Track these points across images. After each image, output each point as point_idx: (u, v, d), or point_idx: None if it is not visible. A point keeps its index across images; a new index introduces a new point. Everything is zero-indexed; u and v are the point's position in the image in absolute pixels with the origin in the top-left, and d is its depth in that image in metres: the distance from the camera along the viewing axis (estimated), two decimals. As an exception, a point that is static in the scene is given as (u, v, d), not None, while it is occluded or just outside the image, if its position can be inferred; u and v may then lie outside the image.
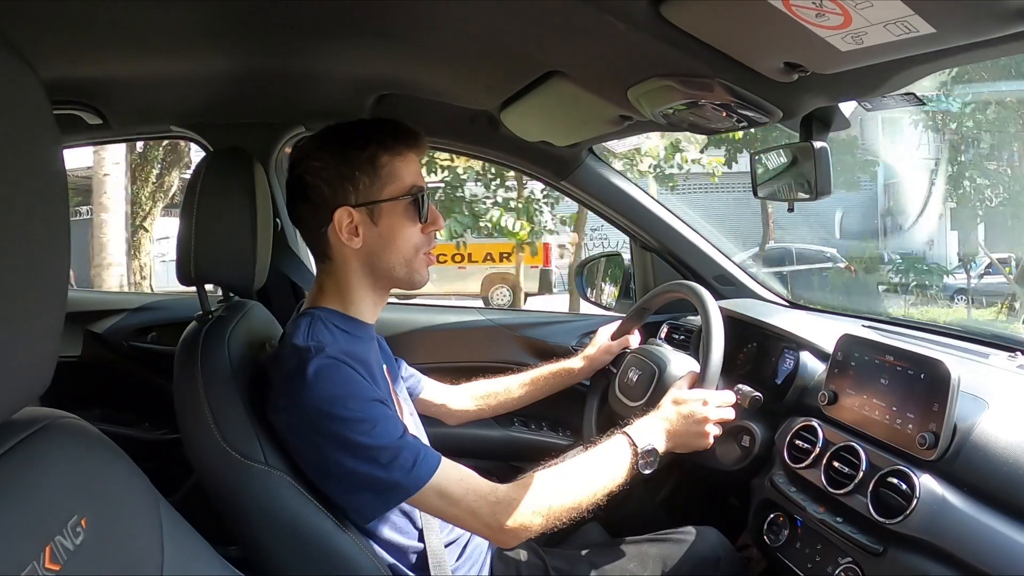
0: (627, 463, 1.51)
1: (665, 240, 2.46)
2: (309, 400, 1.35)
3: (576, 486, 1.47)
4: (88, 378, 2.59)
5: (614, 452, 1.52)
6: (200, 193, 1.61)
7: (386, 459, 1.34)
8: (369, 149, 1.48)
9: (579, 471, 1.50)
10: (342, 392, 1.36)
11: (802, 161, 1.60)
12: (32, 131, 0.75)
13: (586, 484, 1.47)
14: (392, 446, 1.35)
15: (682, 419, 1.60)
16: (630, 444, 1.53)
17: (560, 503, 1.43)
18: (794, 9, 0.95)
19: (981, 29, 0.93)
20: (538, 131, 2.12)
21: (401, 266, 1.52)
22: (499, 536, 1.42)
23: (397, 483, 1.35)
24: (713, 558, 1.75)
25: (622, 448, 1.53)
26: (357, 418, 1.35)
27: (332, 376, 1.36)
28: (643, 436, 1.55)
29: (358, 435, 1.34)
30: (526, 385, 2.06)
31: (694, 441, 1.62)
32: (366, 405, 1.37)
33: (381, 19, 1.46)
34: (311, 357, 1.36)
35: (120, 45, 1.58)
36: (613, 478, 1.49)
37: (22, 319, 0.74)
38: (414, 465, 1.35)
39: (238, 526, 1.41)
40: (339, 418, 1.34)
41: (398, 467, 1.34)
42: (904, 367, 1.48)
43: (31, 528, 0.77)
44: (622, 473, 1.50)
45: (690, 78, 1.33)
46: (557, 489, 1.45)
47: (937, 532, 1.28)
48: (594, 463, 1.51)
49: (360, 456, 1.34)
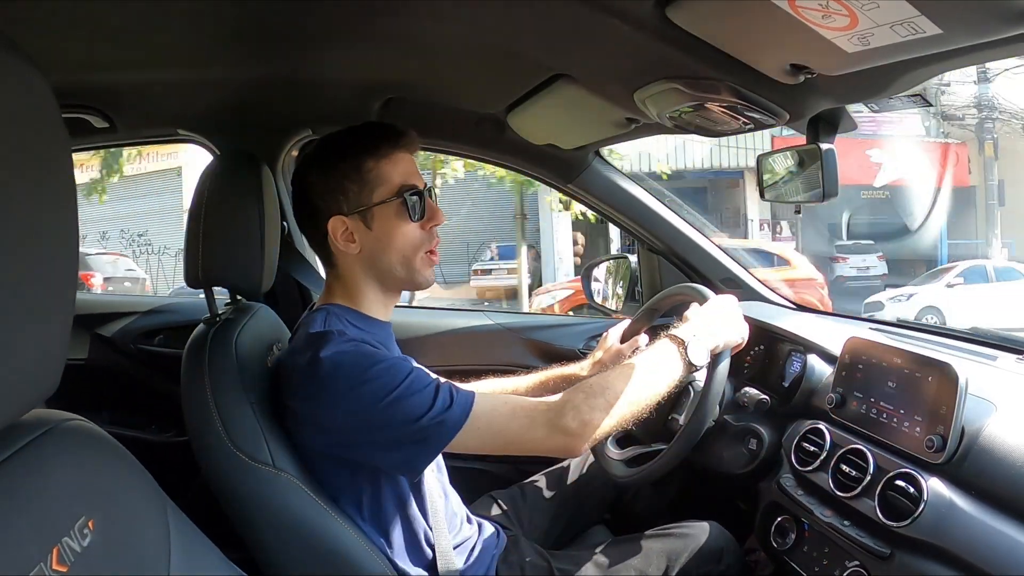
0: (677, 355, 1.54)
1: (672, 243, 2.45)
2: (336, 378, 1.36)
3: (634, 382, 1.47)
4: (96, 381, 2.60)
5: (663, 350, 1.55)
6: (208, 196, 1.61)
7: (424, 407, 1.35)
8: (354, 157, 1.51)
9: (634, 368, 1.50)
10: (365, 361, 1.37)
11: (809, 163, 1.60)
12: (41, 134, 0.75)
13: (643, 380, 1.48)
14: (428, 389, 1.37)
15: (709, 313, 1.65)
16: (674, 340, 1.55)
17: (620, 398, 1.44)
18: (800, 11, 0.95)
19: (988, 30, 0.93)
20: (545, 134, 2.12)
21: (400, 266, 1.53)
22: (564, 441, 1.42)
23: (441, 424, 1.35)
24: (716, 551, 1.74)
25: (668, 346, 1.55)
26: (387, 377, 1.36)
27: (353, 351, 1.38)
28: (685, 332, 1.57)
29: (391, 391, 1.35)
30: (534, 387, 2.05)
31: (732, 328, 1.66)
32: (392, 363, 1.39)
33: (388, 23, 1.46)
34: (330, 340, 1.38)
35: (128, 50, 1.59)
36: (669, 373, 1.52)
37: (30, 321, 0.74)
38: (451, 404, 1.37)
39: (245, 528, 1.41)
40: (369, 381, 1.35)
41: (436, 411, 1.35)
42: (911, 370, 1.47)
43: (38, 529, 0.77)
44: (677, 366, 1.54)
45: (696, 80, 1.33)
46: (615, 385, 1.46)
47: (945, 535, 1.28)
48: (647, 361, 1.53)
49: (398, 413, 1.35)
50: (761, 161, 1.78)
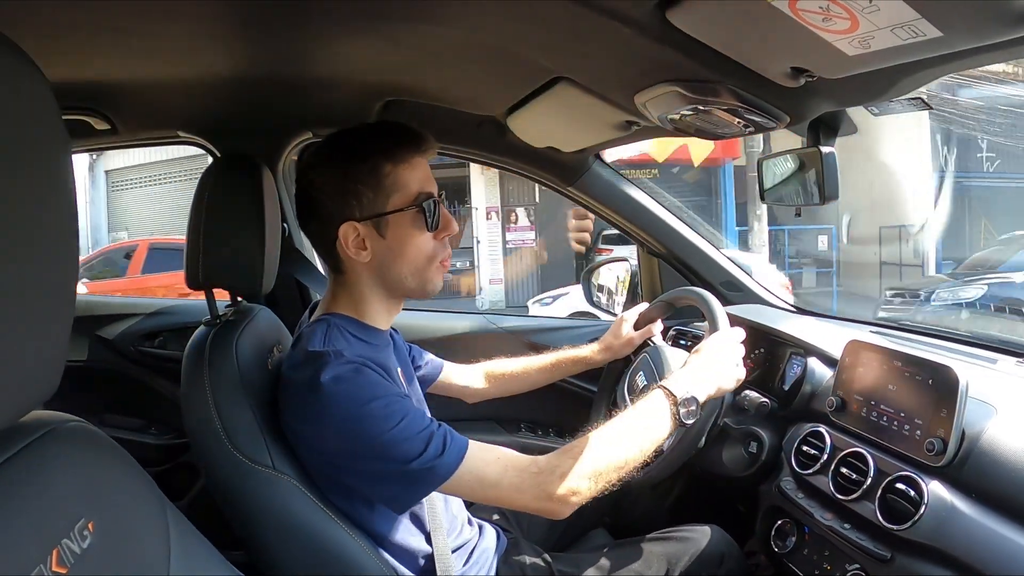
0: (668, 414, 1.48)
1: (672, 246, 2.45)
2: (334, 406, 1.33)
3: (621, 445, 1.43)
4: (96, 382, 2.60)
5: (654, 406, 1.49)
6: (208, 198, 1.62)
7: (417, 449, 1.32)
8: (371, 160, 1.45)
9: (622, 429, 1.46)
10: (365, 394, 1.34)
11: (809, 166, 1.60)
12: (42, 135, 0.75)
13: (630, 441, 1.44)
14: (420, 436, 1.33)
15: (709, 361, 1.59)
16: (668, 395, 1.50)
17: (606, 463, 1.40)
18: (801, 13, 0.95)
19: (988, 32, 0.93)
20: (545, 137, 2.12)
21: (412, 276, 1.50)
22: (550, 507, 1.38)
23: (431, 470, 1.32)
24: (717, 554, 1.75)
25: (661, 401, 1.49)
26: (383, 415, 1.33)
27: (353, 379, 1.34)
28: (679, 386, 1.52)
29: (386, 431, 1.32)
30: (545, 369, 2.08)
31: (727, 374, 1.60)
32: (390, 401, 1.35)
33: (388, 26, 1.46)
34: (329, 362, 1.35)
35: (128, 51, 1.59)
36: (657, 432, 1.47)
37: (30, 323, 0.74)
38: (444, 450, 1.33)
39: (244, 530, 1.41)
40: (367, 418, 1.32)
41: (428, 456, 1.32)
42: (912, 373, 1.48)
43: (38, 531, 0.77)
44: (665, 425, 1.48)
45: (697, 83, 1.32)
46: (602, 450, 1.41)
47: (945, 538, 1.28)
48: (636, 420, 1.48)
49: (390, 452, 1.32)
50: (761, 164, 1.79)
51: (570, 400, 2.51)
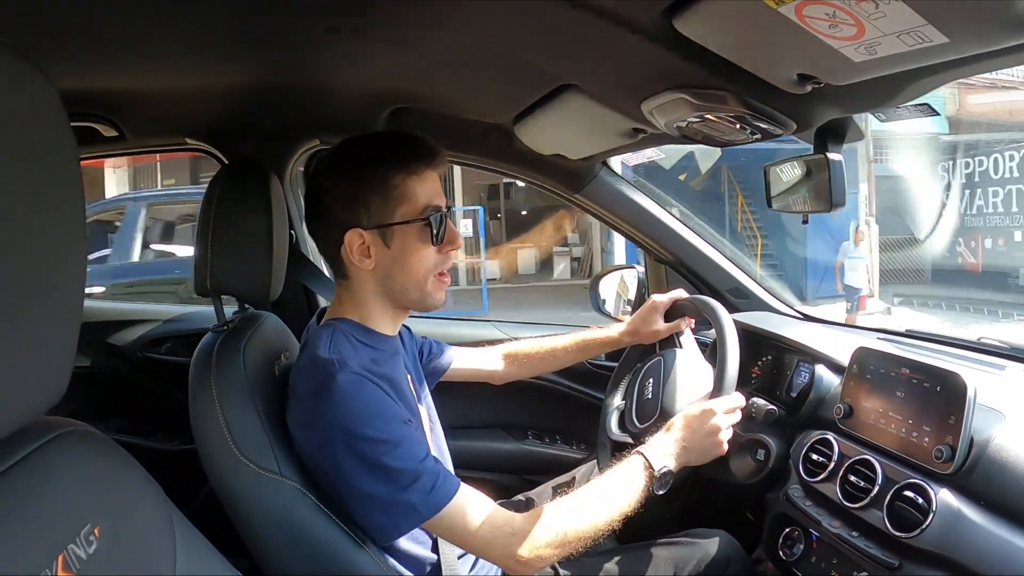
0: (641, 485, 1.49)
1: (679, 253, 2.45)
2: (333, 417, 1.34)
3: (592, 514, 1.44)
4: (103, 388, 2.61)
5: (629, 475, 1.50)
6: (216, 205, 1.62)
7: (406, 482, 1.33)
8: (382, 168, 1.45)
9: (594, 497, 1.47)
10: (367, 411, 1.34)
11: (816, 173, 1.60)
12: (50, 142, 0.75)
13: (602, 510, 1.45)
14: (413, 469, 1.33)
15: (692, 433, 1.57)
16: (646, 467, 1.51)
17: (576, 531, 1.41)
18: (807, 20, 0.95)
19: (995, 38, 0.93)
20: (552, 144, 2.13)
21: (414, 289, 1.50)
22: (513, 567, 1.40)
23: (413, 507, 1.33)
24: (724, 560, 1.74)
25: (637, 471, 1.50)
26: (381, 438, 1.33)
27: (358, 393, 1.35)
28: (658, 457, 1.52)
29: (380, 455, 1.32)
30: (571, 350, 2.09)
31: (709, 452, 1.59)
32: (391, 425, 1.35)
33: (395, 33, 1.46)
34: (336, 372, 1.35)
35: (135, 59, 1.59)
36: (628, 502, 1.47)
37: (37, 329, 0.74)
38: (432, 489, 1.34)
39: (250, 536, 1.41)
40: (363, 437, 1.33)
41: (416, 490, 1.33)
42: (920, 380, 1.47)
43: (44, 536, 0.77)
44: (636, 496, 1.48)
45: (704, 90, 1.33)
46: (572, 518, 1.42)
47: (953, 546, 1.27)
48: (610, 488, 1.49)
49: (379, 477, 1.33)
50: (768, 171, 1.79)
51: (577, 407, 2.51)
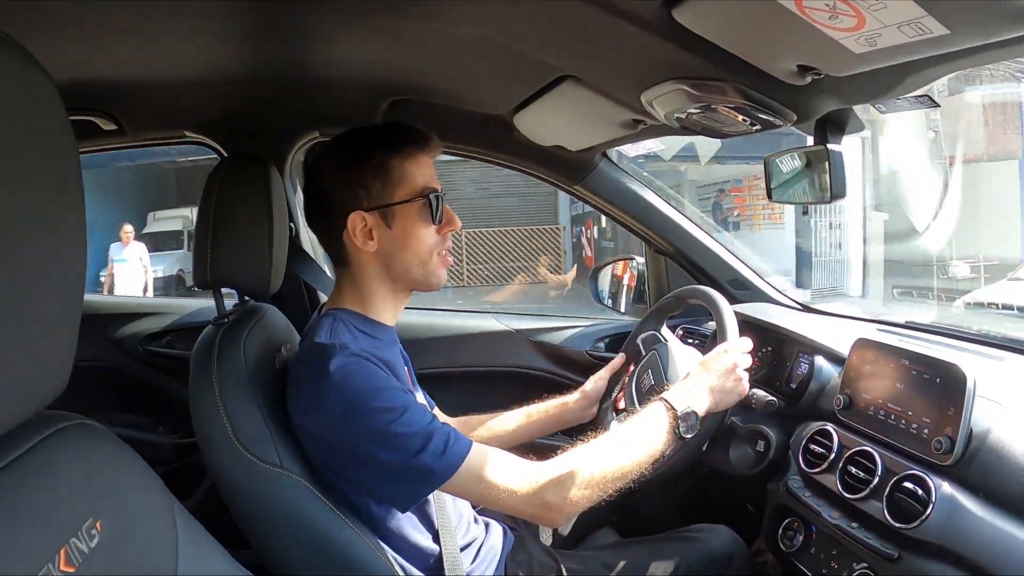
0: (667, 428, 1.52)
1: (679, 244, 2.45)
2: (336, 397, 1.35)
3: (618, 455, 1.46)
4: (103, 382, 2.61)
5: (654, 419, 1.52)
6: (216, 198, 1.62)
7: (417, 446, 1.34)
8: (379, 153, 1.48)
9: (620, 441, 1.49)
10: (369, 385, 1.36)
11: (816, 164, 1.60)
12: (49, 136, 0.75)
13: (628, 453, 1.46)
14: (422, 432, 1.35)
15: (712, 374, 1.61)
16: (668, 408, 1.53)
17: (603, 473, 1.43)
18: (807, 11, 0.95)
19: (995, 30, 0.93)
20: (552, 135, 2.12)
21: (417, 267, 1.52)
22: (544, 513, 1.42)
23: (430, 469, 1.34)
24: (726, 555, 1.75)
25: (660, 414, 1.53)
26: (385, 407, 1.35)
27: (358, 371, 1.37)
28: (680, 400, 1.55)
29: (387, 424, 1.34)
30: (521, 421, 1.99)
31: (730, 390, 1.62)
32: (393, 394, 1.37)
33: (394, 24, 1.46)
34: (335, 354, 1.37)
35: (134, 52, 1.59)
36: (655, 445, 1.49)
37: (38, 323, 0.74)
38: (445, 450, 1.35)
39: (252, 529, 1.42)
40: (368, 409, 1.34)
41: (430, 452, 1.34)
42: (919, 371, 1.47)
43: (46, 530, 0.77)
44: (663, 439, 1.51)
45: (703, 81, 1.32)
46: (599, 460, 1.44)
47: (953, 537, 1.27)
48: (634, 432, 1.51)
49: (391, 445, 1.34)
50: (768, 163, 1.78)
51: None
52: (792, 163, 1.70)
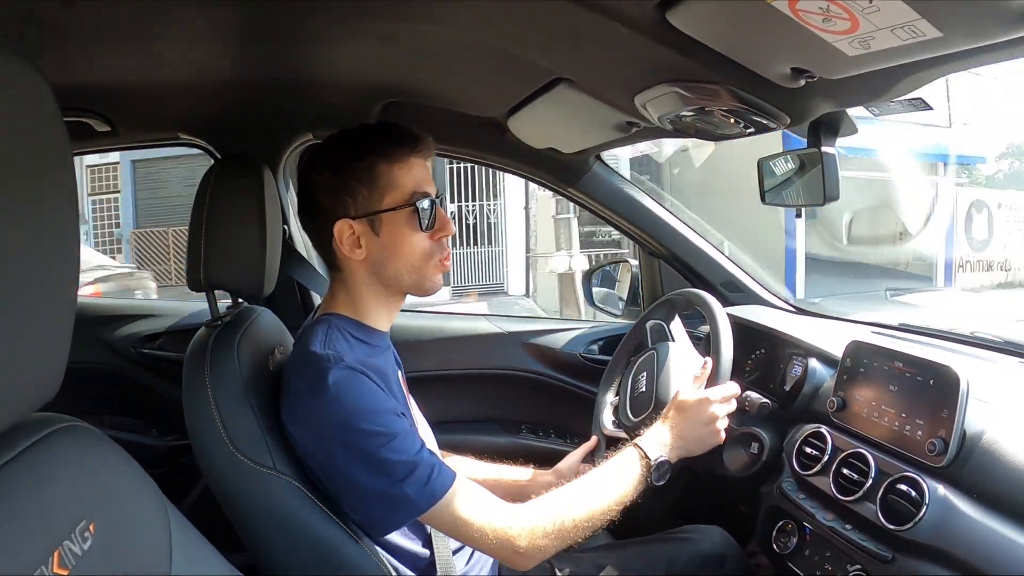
0: (639, 476, 1.51)
1: (673, 247, 2.45)
2: (328, 412, 1.34)
3: (589, 503, 1.45)
4: (97, 384, 2.60)
5: (626, 466, 1.52)
6: (209, 200, 1.61)
7: (401, 474, 1.33)
8: (367, 158, 1.45)
9: (592, 488, 1.48)
10: (362, 405, 1.35)
11: (810, 167, 1.60)
12: (42, 137, 0.75)
13: (599, 500, 1.46)
14: (408, 461, 1.34)
15: (689, 423, 1.59)
16: (642, 457, 1.52)
17: (573, 521, 1.42)
18: (800, 14, 0.95)
19: (988, 33, 0.93)
20: (545, 138, 2.13)
21: (408, 274, 1.50)
22: (512, 558, 1.41)
23: (409, 499, 1.34)
24: (718, 556, 1.75)
25: (634, 462, 1.52)
26: (375, 431, 1.34)
27: (352, 388, 1.35)
28: (654, 448, 1.54)
29: (375, 448, 1.33)
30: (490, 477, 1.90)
31: (707, 440, 1.61)
32: (385, 418, 1.36)
33: (388, 26, 1.46)
34: (330, 367, 1.36)
35: (128, 53, 1.59)
36: (626, 493, 1.49)
37: (31, 324, 0.74)
38: (428, 482, 1.34)
39: (246, 531, 1.41)
40: (358, 431, 1.33)
41: (412, 483, 1.33)
42: (913, 373, 1.47)
43: (39, 532, 0.77)
44: (635, 487, 1.50)
45: (697, 84, 1.33)
46: (570, 507, 1.43)
47: (946, 539, 1.27)
48: (607, 479, 1.50)
49: (375, 470, 1.33)
50: (761, 165, 1.79)
51: (571, 401, 2.51)
52: (785, 165, 1.70)
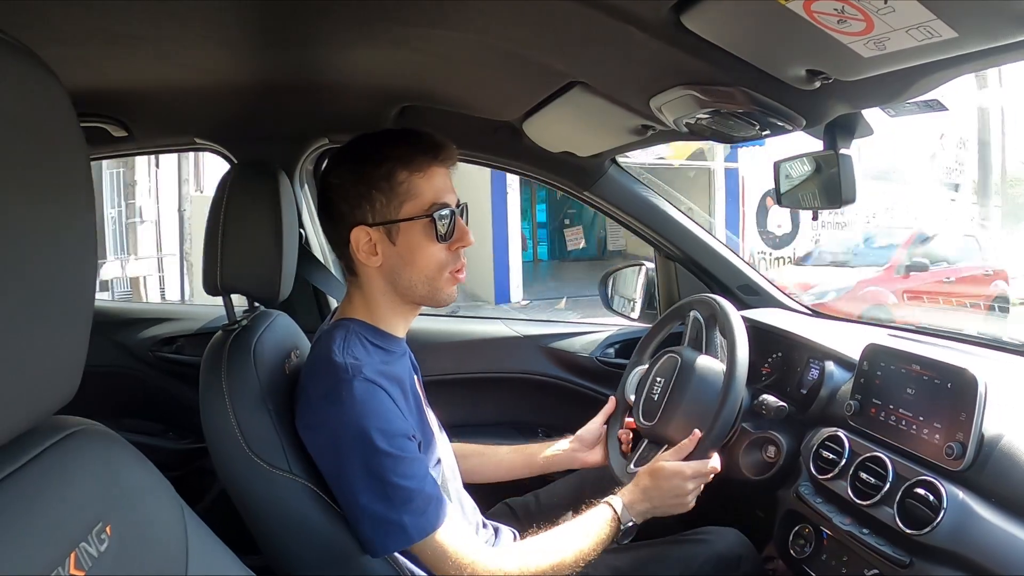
0: (607, 537, 1.54)
1: (689, 250, 2.45)
2: (342, 424, 1.35)
3: (559, 556, 1.47)
4: (114, 387, 2.61)
5: (598, 525, 1.55)
6: (226, 205, 1.62)
7: (401, 500, 1.34)
8: (386, 165, 1.44)
9: (562, 541, 1.50)
10: (376, 424, 1.35)
11: (826, 169, 1.59)
12: (59, 142, 0.75)
13: (567, 554, 1.48)
14: (411, 488, 1.35)
15: (660, 493, 1.61)
16: (613, 519, 1.56)
17: (540, 571, 1.44)
18: (816, 16, 0.95)
19: (1003, 33, 0.92)
20: (561, 142, 2.12)
21: (422, 284, 1.50)
22: None
23: (404, 528, 1.35)
24: (734, 557, 1.74)
25: (604, 524, 1.55)
26: (385, 451, 1.34)
27: (369, 403, 1.35)
28: (626, 512, 1.57)
29: (383, 470, 1.34)
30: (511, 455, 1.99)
31: (672, 510, 1.64)
32: (397, 441, 1.36)
33: (403, 31, 1.46)
34: (349, 378, 1.36)
35: (144, 59, 1.60)
36: (593, 548, 1.51)
37: (49, 328, 0.74)
38: (424, 513, 1.36)
39: (262, 534, 1.42)
40: (371, 448, 1.34)
41: (410, 512, 1.35)
42: (930, 376, 1.47)
43: (56, 534, 0.78)
44: (602, 544, 1.53)
45: (712, 87, 1.32)
46: (539, 558, 1.45)
47: (964, 543, 1.27)
48: (577, 534, 1.52)
49: (377, 491, 1.34)
50: (778, 167, 1.78)
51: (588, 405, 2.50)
52: (801, 168, 1.69)
